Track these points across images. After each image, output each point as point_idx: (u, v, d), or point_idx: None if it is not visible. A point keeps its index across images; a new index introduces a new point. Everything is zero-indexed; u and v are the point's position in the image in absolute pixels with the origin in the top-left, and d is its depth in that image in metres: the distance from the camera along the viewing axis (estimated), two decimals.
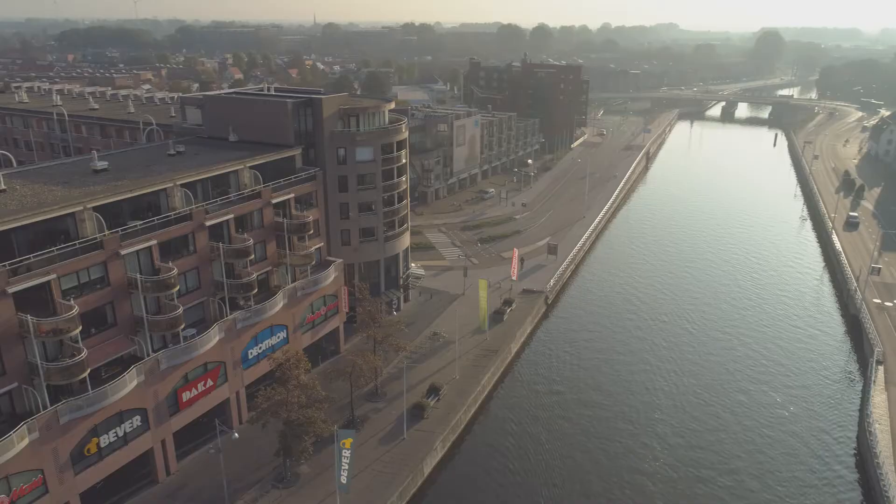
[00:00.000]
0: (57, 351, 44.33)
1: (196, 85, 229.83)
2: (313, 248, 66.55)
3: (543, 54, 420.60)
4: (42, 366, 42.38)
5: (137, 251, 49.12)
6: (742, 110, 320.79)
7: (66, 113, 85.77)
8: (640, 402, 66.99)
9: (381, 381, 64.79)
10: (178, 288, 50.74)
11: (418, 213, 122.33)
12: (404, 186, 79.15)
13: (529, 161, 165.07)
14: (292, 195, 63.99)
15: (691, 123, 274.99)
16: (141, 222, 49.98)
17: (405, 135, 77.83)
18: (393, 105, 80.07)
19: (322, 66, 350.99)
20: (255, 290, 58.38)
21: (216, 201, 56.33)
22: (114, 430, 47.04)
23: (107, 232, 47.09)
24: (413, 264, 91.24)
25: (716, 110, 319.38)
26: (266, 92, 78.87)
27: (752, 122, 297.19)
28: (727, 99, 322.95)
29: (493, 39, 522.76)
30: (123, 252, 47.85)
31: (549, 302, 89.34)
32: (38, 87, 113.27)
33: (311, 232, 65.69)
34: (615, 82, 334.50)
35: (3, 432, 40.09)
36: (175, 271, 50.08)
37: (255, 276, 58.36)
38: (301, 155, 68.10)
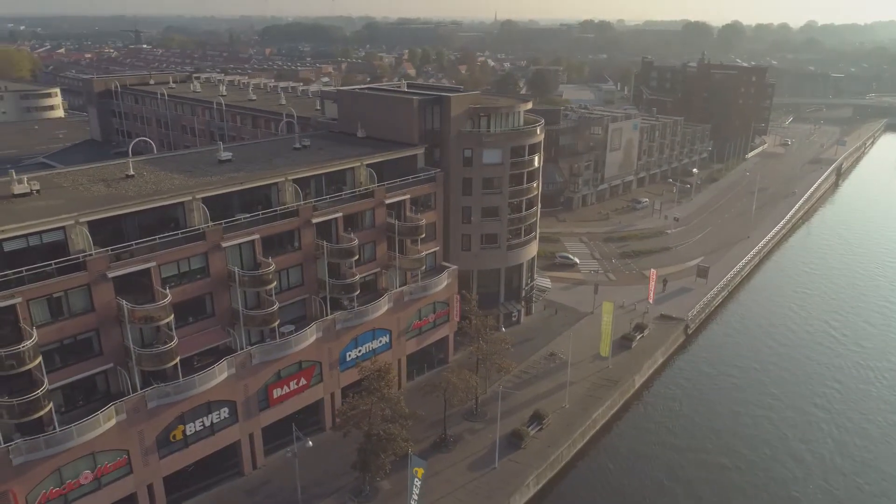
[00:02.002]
0: (153, 337, 45.50)
1: (368, 78, 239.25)
2: (425, 253, 63.87)
3: (731, 54, 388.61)
4: (134, 350, 43.59)
5: (240, 244, 49.24)
6: None
7: (223, 103, 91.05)
8: (782, 472, 56.24)
9: (482, 399, 60.74)
10: (274, 284, 50.26)
11: (560, 219, 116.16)
12: (535, 192, 74.24)
13: (694, 170, 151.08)
14: (408, 196, 61.64)
15: None
16: (246, 216, 50.14)
17: (540, 138, 72.77)
18: (530, 105, 75.34)
19: (493, 63, 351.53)
20: (358, 292, 56.80)
21: (325, 199, 55.45)
22: (201, 420, 47.55)
23: (210, 223, 47.59)
24: (548, 277, 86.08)
25: None
26: (399, 88, 77.61)
27: None
28: None
29: (676, 38, 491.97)
30: (225, 244, 48.09)
31: (690, 332, 79.55)
32: (214, 77, 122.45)
33: (424, 235, 63.00)
34: (812, 86, 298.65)
35: (96, 410, 41.61)
36: (273, 267, 49.59)
37: (358, 277, 56.81)
38: (424, 154, 65.82)
